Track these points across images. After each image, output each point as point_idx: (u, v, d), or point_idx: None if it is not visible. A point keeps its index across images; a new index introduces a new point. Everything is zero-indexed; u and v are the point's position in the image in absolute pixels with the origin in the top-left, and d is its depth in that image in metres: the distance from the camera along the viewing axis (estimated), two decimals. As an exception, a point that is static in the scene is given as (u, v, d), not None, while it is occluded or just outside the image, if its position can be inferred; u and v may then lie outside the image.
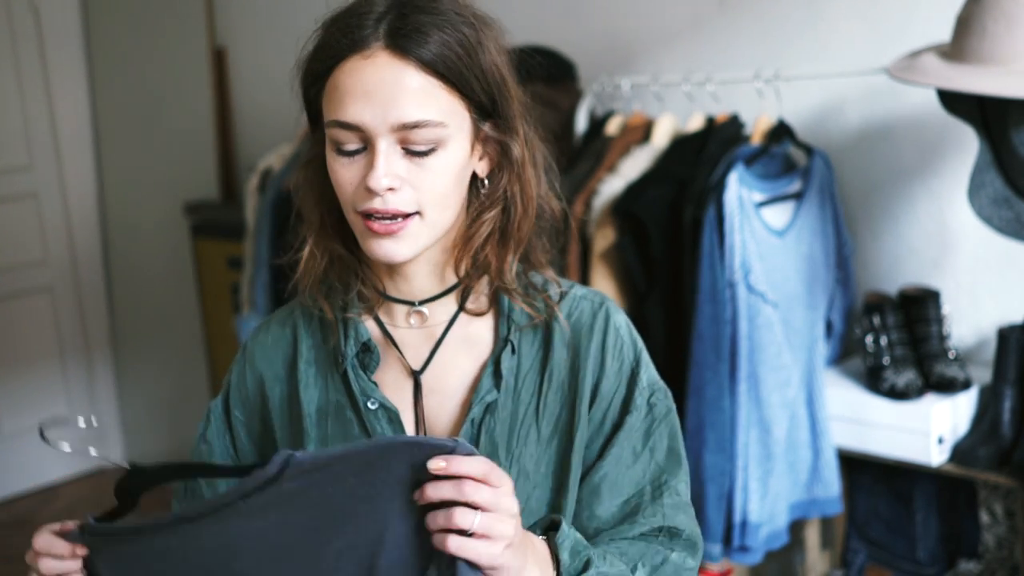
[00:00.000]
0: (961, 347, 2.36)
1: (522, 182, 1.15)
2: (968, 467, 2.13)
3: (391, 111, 1.04)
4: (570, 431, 1.16)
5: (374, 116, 1.05)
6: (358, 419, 1.16)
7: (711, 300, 2.14)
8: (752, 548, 2.17)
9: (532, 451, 1.15)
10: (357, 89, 1.05)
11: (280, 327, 1.24)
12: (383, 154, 1.05)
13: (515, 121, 1.14)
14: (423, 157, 1.07)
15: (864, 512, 2.44)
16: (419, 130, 1.05)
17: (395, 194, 1.07)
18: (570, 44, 2.76)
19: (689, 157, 2.29)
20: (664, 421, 1.19)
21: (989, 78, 1.81)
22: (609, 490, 1.16)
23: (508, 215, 1.15)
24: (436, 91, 1.06)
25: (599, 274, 2.30)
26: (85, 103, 4.26)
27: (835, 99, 2.46)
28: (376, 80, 1.05)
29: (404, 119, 1.05)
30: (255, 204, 3.05)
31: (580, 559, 1.07)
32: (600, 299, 1.22)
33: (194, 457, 1.25)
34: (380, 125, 1.05)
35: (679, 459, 1.19)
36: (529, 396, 1.17)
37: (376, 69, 1.05)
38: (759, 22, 2.55)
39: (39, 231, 4.22)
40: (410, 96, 1.05)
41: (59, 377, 4.37)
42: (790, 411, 2.22)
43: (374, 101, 1.04)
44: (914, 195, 2.39)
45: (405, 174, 1.07)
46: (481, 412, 1.15)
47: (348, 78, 1.05)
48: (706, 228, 2.15)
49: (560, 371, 1.17)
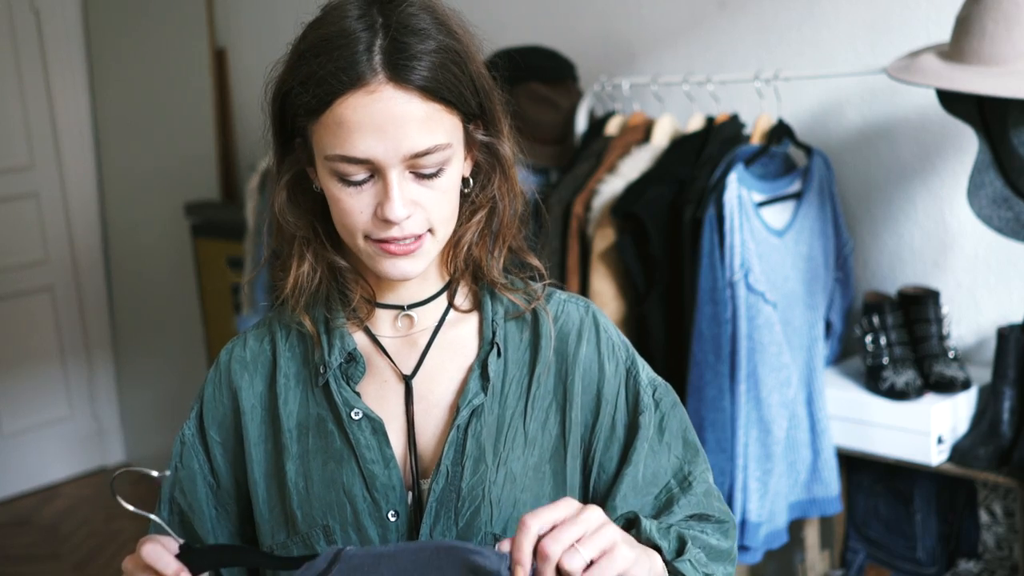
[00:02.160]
0: (961, 347, 2.36)
1: (510, 180, 1.16)
2: (967, 467, 2.13)
3: (403, 143, 1.04)
4: (563, 434, 1.16)
5: (386, 150, 1.04)
6: (340, 431, 1.15)
7: (711, 300, 2.14)
8: (752, 547, 2.18)
9: (519, 454, 1.15)
10: (365, 125, 1.04)
11: (257, 341, 1.22)
12: (396, 185, 1.06)
13: (500, 122, 1.14)
14: (432, 179, 1.08)
15: (863, 512, 2.44)
16: (428, 156, 1.06)
17: (410, 219, 1.07)
18: (570, 44, 2.76)
19: (689, 157, 2.29)
20: (672, 414, 1.20)
21: (988, 78, 1.82)
22: (637, 493, 1.16)
23: (495, 213, 1.16)
24: (439, 115, 1.06)
25: (599, 274, 2.30)
26: (85, 103, 4.26)
27: (835, 99, 2.46)
28: (385, 115, 1.04)
29: (416, 149, 1.05)
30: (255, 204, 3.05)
31: (672, 539, 1.11)
32: (585, 303, 1.22)
33: (171, 484, 1.22)
34: (392, 158, 1.05)
35: (696, 448, 1.21)
36: (516, 399, 1.16)
37: (383, 104, 1.04)
38: (759, 22, 2.55)
39: (40, 231, 4.22)
40: (418, 126, 1.05)
41: (59, 377, 4.37)
42: (790, 411, 2.22)
43: (386, 135, 1.04)
44: (914, 195, 2.39)
45: (417, 198, 1.08)
46: (468, 416, 1.14)
47: (353, 114, 1.04)
48: (706, 228, 2.15)
49: (548, 375, 1.17)
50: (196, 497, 1.20)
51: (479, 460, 1.13)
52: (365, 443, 1.13)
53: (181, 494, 1.21)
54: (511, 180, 1.16)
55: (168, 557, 1.03)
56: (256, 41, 3.72)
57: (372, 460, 1.13)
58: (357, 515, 1.13)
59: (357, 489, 1.13)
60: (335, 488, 1.14)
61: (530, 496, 1.14)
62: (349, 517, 1.13)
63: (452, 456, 1.13)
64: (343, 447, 1.14)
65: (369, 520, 1.13)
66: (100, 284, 4.38)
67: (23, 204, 4.19)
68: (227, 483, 1.21)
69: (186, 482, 1.21)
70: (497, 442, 1.14)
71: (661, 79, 2.49)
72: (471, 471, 1.13)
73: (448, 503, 1.13)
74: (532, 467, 1.15)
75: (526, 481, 1.14)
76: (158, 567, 1.03)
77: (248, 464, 1.18)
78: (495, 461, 1.14)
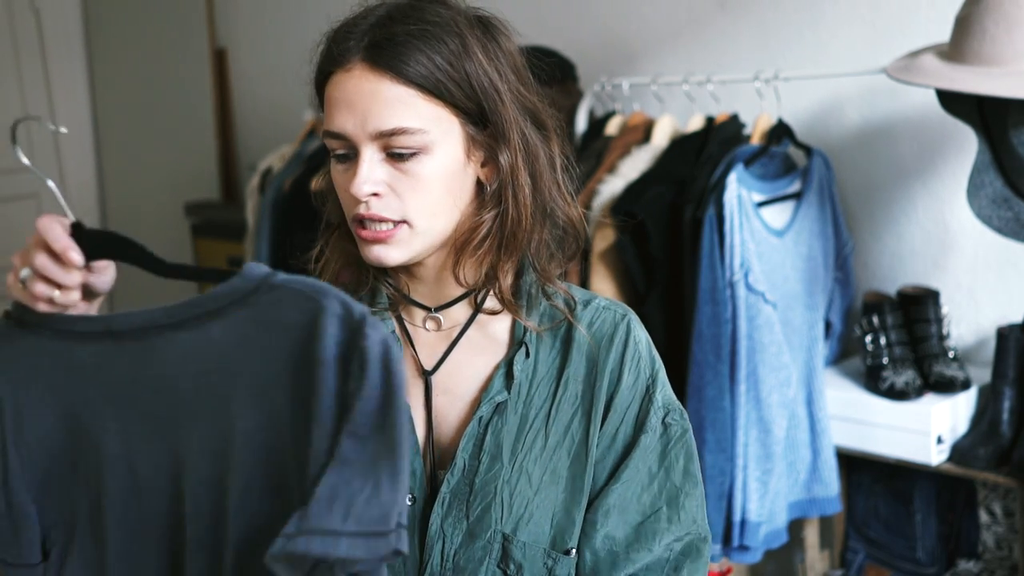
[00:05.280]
0: (960, 347, 2.36)
1: (515, 188, 1.14)
2: (967, 467, 2.13)
3: (369, 120, 1.09)
4: (585, 442, 1.16)
5: (355, 125, 1.09)
6: None
7: (711, 300, 2.14)
8: (752, 547, 2.17)
9: (537, 456, 1.15)
10: (341, 101, 1.10)
11: None
12: (366, 161, 1.09)
13: (507, 127, 1.13)
14: (405, 162, 1.10)
15: (863, 511, 2.44)
16: (398, 137, 1.09)
17: (379, 200, 1.10)
18: (570, 44, 2.76)
19: (689, 157, 2.29)
20: (680, 442, 1.19)
21: (988, 79, 1.82)
22: (623, 512, 1.16)
23: (503, 221, 1.15)
24: (413, 100, 1.09)
25: (599, 274, 2.30)
26: (85, 103, 4.26)
27: (835, 99, 2.46)
28: (355, 92, 1.09)
29: (381, 127, 1.08)
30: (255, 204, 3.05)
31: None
32: (623, 311, 1.21)
33: None
34: (360, 133, 1.09)
35: (696, 481, 1.20)
36: (541, 402, 1.17)
37: (356, 82, 1.09)
38: (759, 22, 2.55)
39: (40, 231, 4.22)
40: (384, 105, 1.08)
41: (59, 377, 4.37)
42: (789, 411, 2.22)
43: (355, 111, 1.09)
44: (914, 195, 2.39)
45: (389, 180, 1.10)
46: (490, 411, 1.15)
47: (334, 91, 1.11)
48: (706, 228, 2.15)
49: (576, 381, 1.18)
50: None
51: (496, 457, 1.14)
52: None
53: None
54: (518, 187, 1.14)
55: (59, 230, 1.02)
56: (256, 41, 3.72)
57: None
58: None
59: None
60: None
61: (543, 499, 1.15)
62: None
63: (470, 449, 1.14)
64: None
65: None
66: (100, 284, 4.38)
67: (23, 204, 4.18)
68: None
69: None
70: (516, 442, 1.15)
71: (661, 79, 2.49)
72: (487, 467, 1.14)
73: (461, 495, 1.13)
74: (549, 471, 1.15)
75: (541, 484, 1.15)
76: (48, 238, 1.02)
77: None
78: (511, 460, 1.14)
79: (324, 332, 0.94)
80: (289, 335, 0.96)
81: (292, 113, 3.28)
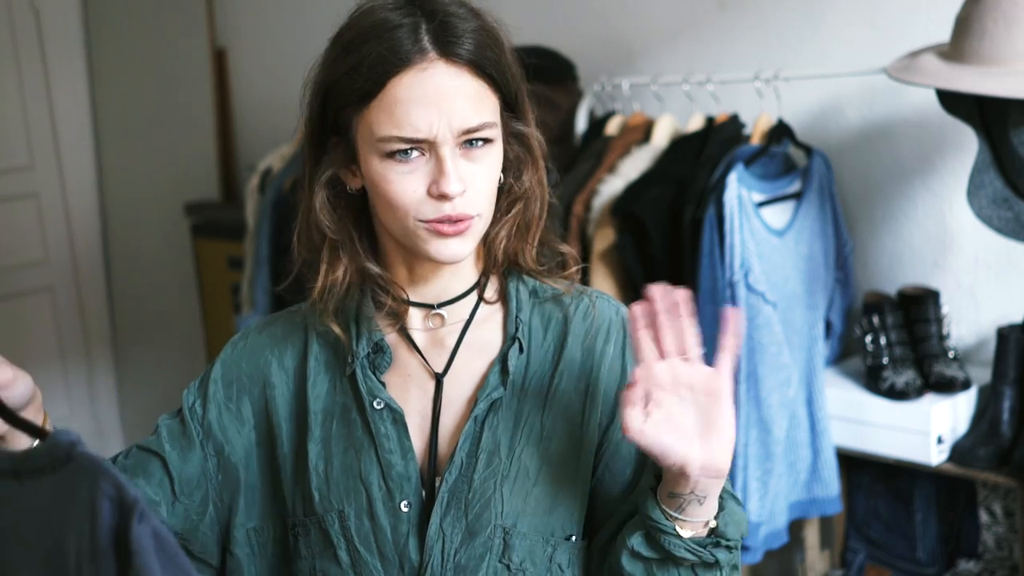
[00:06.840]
0: (960, 347, 2.36)
1: (540, 171, 1.18)
2: (967, 467, 2.13)
3: (455, 118, 1.07)
4: (581, 428, 1.16)
5: (440, 126, 1.07)
6: (362, 419, 1.16)
7: (711, 300, 2.14)
8: (752, 547, 2.18)
9: (534, 449, 1.16)
10: (419, 101, 1.07)
11: (289, 324, 1.25)
12: (450, 159, 1.08)
13: (529, 115, 1.17)
14: (481, 159, 1.10)
15: (863, 512, 2.44)
16: (478, 132, 1.09)
17: (463, 197, 1.09)
18: (570, 44, 2.76)
19: (689, 157, 2.29)
20: None
21: (989, 79, 1.82)
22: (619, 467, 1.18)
23: (528, 206, 1.18)
24: (486, 92, 1.10)
25: (599, 274, 2.30)
26: (85, 103, 4.26)
27: (834, 99, 2.46)
28: (439, 90, 1.07)
29: (467, 124, 1.08)
30: (255, 204, 3.05)
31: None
32: (617, 304, 1.23)
33: (150, 436, 1.21)
34: (446, 133, 1.07)
35: None
36: (536, 394, 1.17)
37: (437, 79, 1.07)
38: (759, 22, 2.55)
39: (40, 231, 4.22)
40: (469, 102, 1.08)
41: (59, 377, 4.37)
42: (790, 411, 2.22)
43: (440, 111, 1.07)
44: (914, 195, 2.39)
45: (467, 176, 1.10)
46: (486, 409, 1.16)
47: (408, 92, 1.07)
48: (706, 228, 2.15)
49: (572, 370, 1.18)
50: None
51: (493, 454, 1.14)
52: (385, 432, 1.15)
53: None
54: (541, 171, 1.18)
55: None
56: (256, 41, 3.72)
57: (390, 450, 1.15)
58: (371, 503, 1.14)
59: (373, 477, 1.15)
60: (352, 475, 1.15)
61: (542, 489, 1.15)
62: (364, 504, 1.14)
63: (468, 448, 1.15)
64: (364, 436, 1.16)
65: (382, 508, 1.14)
66: (100, 284, 4.38)
67: (23, 204, 4.18)
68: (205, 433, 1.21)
69: (167, 433, 1.22)
70: (513, 437, 1.16)
71: (661, 79, 2.49)
72: (484, 463, 1.14)
73: (459, 494, 1.14)
74: (546, 461, 1.15)
75: (539, 475, 1.15)
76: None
77: (277, 437, 1.20)
78: (509, 455, 1.15)
79: (100, 514, 0.89)
80: (73, 511, 0.91)
81: (292, 113, 3.26)
